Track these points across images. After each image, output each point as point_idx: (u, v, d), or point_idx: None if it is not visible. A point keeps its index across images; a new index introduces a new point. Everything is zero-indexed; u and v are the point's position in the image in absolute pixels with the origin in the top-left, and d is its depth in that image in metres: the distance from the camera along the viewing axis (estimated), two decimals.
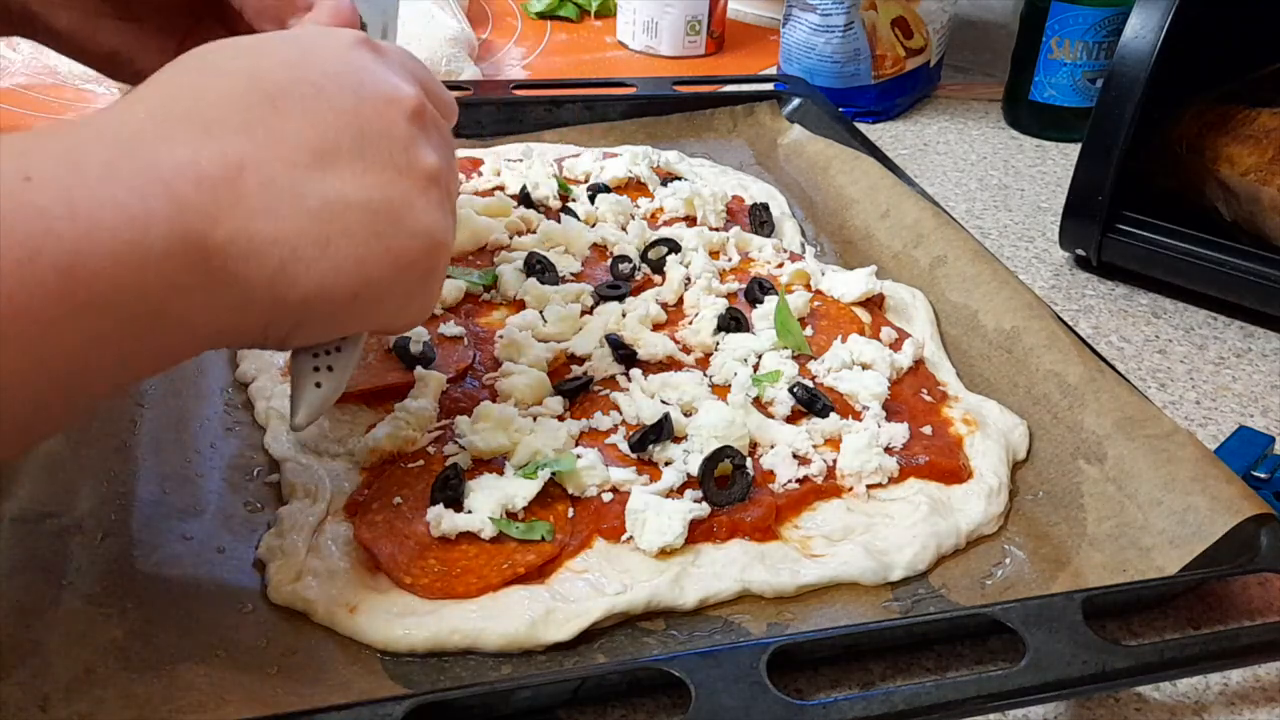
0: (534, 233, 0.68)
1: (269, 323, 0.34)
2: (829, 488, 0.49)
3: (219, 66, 0.34)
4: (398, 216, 0.35)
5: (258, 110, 0.33)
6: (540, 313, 0.60)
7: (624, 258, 0.65)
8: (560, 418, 0.52)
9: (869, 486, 0.49)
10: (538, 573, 0.43)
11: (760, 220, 0.71)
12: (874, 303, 0.62)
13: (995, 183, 0.87)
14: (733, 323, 0.59)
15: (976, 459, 0.51)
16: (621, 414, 0.52)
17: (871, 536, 0.46)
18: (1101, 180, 0.67)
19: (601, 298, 0.61)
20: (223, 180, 0.31)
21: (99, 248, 0.28)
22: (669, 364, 0.56)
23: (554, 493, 0.47)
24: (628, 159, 0.76)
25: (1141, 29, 0.65)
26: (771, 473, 0.49)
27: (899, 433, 0.51)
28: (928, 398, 0.55)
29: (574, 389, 0.54)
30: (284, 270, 0.32)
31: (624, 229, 0.69)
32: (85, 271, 0.28)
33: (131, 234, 0.29)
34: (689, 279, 0.63)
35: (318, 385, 0.39)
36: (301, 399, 0.39)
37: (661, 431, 0.50)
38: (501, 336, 0.57)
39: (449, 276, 0.59)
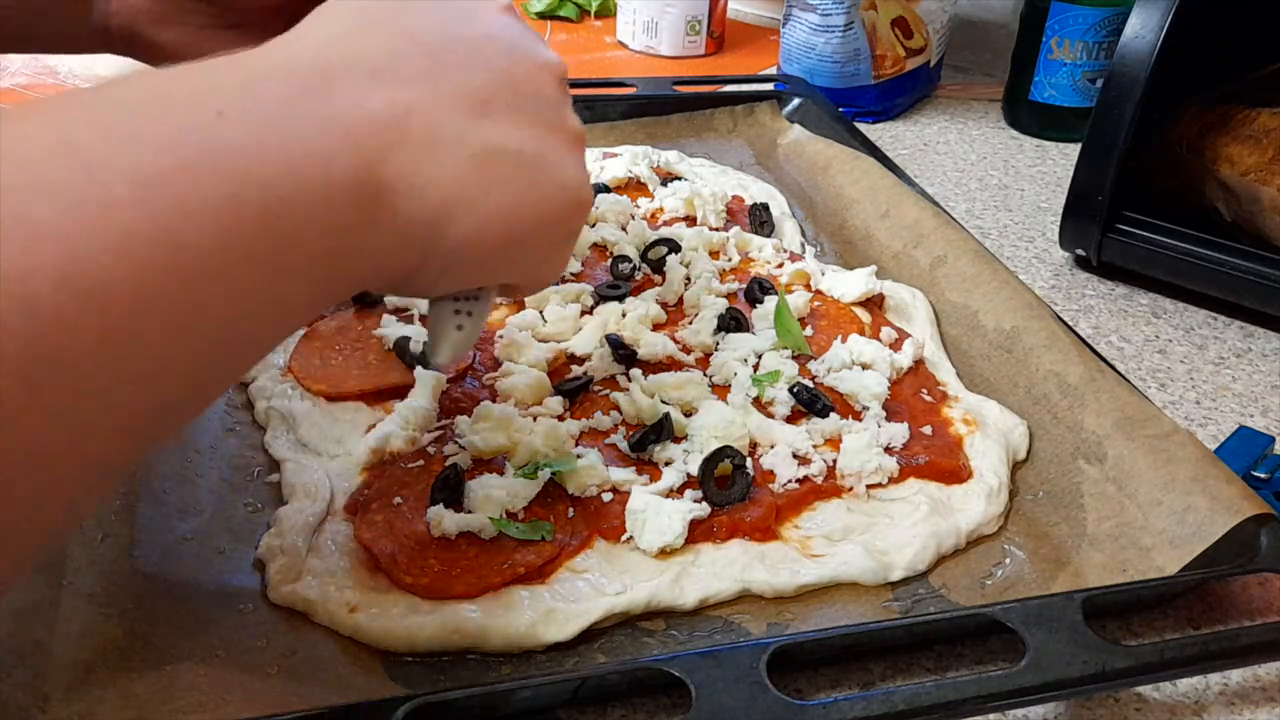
0: None
1: (420, 265, 0.34)
2: (829, 488, 0.49)
3: (375, 20, 0.35)
4: (550, 170, 0.36)
5: (419, 62, 0.34)
6: (540, 312, 0.60)
7: (624, 258, 0.65)
8: (560, 418, 0.52)
9: (869, 486, 0.49)
10: (538, 573, 0.43)
11: (760, 220, 0.71)
12: (874, 303, 0.62)
13: (995, 183, 0.87)
14: (733, 323, 0.59)
15: (976, 459, 0.51)
16: (621, 414, 0.52)
17: (871, 536, 0.46)
18: (1101, 180, 0.67)
19: (601, 298, 0.61)
20: (392, 123, 0.32)
21: (291, 186, 0.28)
22: (669, 364, 0.56)
23: (554, 493, 0.47)
24: (628, 159, 0.76)
25: (1141, 29, 0.65)
26: (771, 473, 0.49)
27: (899, 433, 0.51)
28: (928, 398, 0.55)
29: (574, 389, 0.54)
30: (445, 212, 0.33)
31: (624, 229, 0.69)
32: (281, 210, 0.28)
33: (316, 172, 0.29)
34: (689, 279, 0.63)
35: (459, 328, 0.40)
36: (443, 340, 0.40)
37: (661, 431, 0.50)
38: (501, 336, 0.57)
39: None
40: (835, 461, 0.50)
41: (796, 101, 0.88)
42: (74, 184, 0.24)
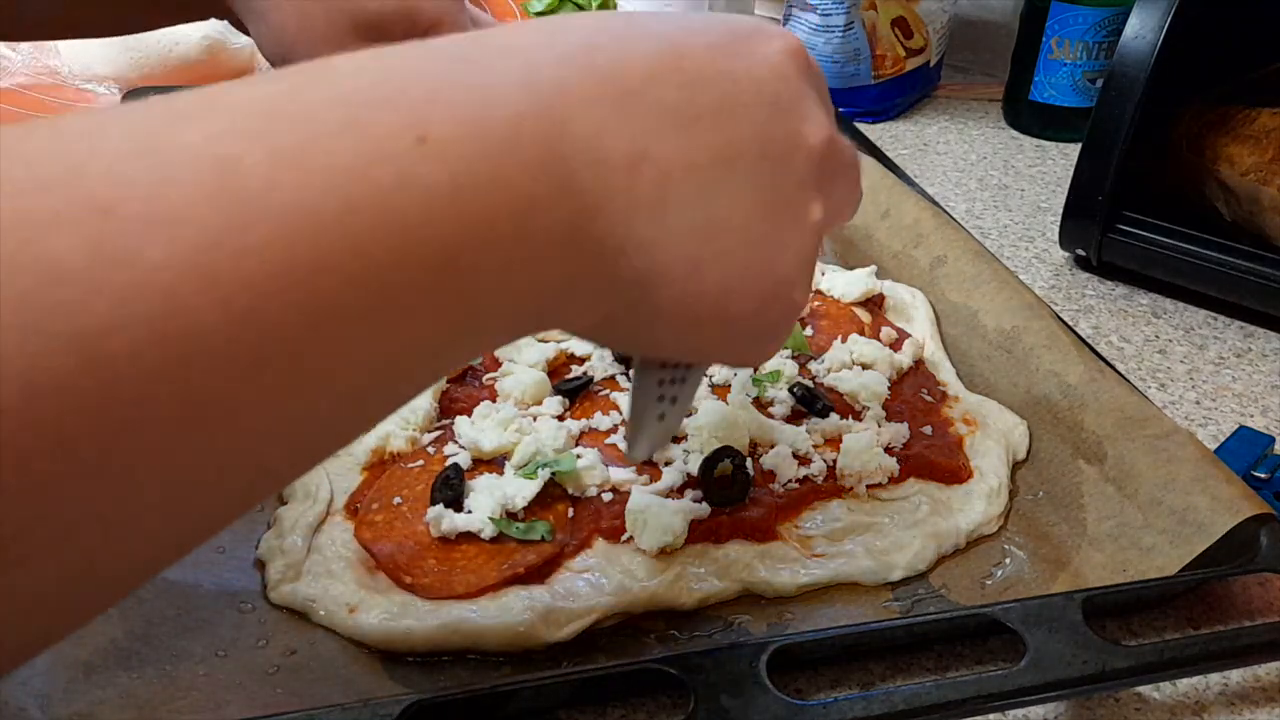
0: None
1: (607, 320, 0.30)
2: (829, 488, 0.49)
3: (631, 32, 0.30)
4: (771, 259, 0.31)
5: (674, 95, 0.29)
6: None
7: None
8: (560, 418, 0.52)
9: (869, 486, 0.49)
10: (538, 573, 0.43)
11: None
12: (874, 303, 0.62)
13: (995, 183, 0.87)
14: None
15: (976, 459, 0.51)
16: (621, 414, 0.52)
17: (871, 536, 0.46)
18: (1101, 180, 0.67)
19: None
20: (621, 168, 0.27)
21: (480, 239, 0.24)
22: None
23: (554, 493, 0.47)
24: None
25: (1141, 29, 0.65)
26: (771, 473, 0.49)
27: (899, 433, 0.51)
28: (928, 398, 0.55)
29: (574, 389, 0.54)
30: (646, 278, 0.28)
31: None
32: (458, 256, 0.24)
33: (511, 223, 0.25)
34: None
35: (661, 418, 0.36)
36: (644, 430, 0.36)
37: None
38: None
39: None
40: (835, 461, 0.50)
41: None
42: (221, 217, 0.20)
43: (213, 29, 0.89)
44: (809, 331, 0.59)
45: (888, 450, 0.50)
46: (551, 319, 0.29)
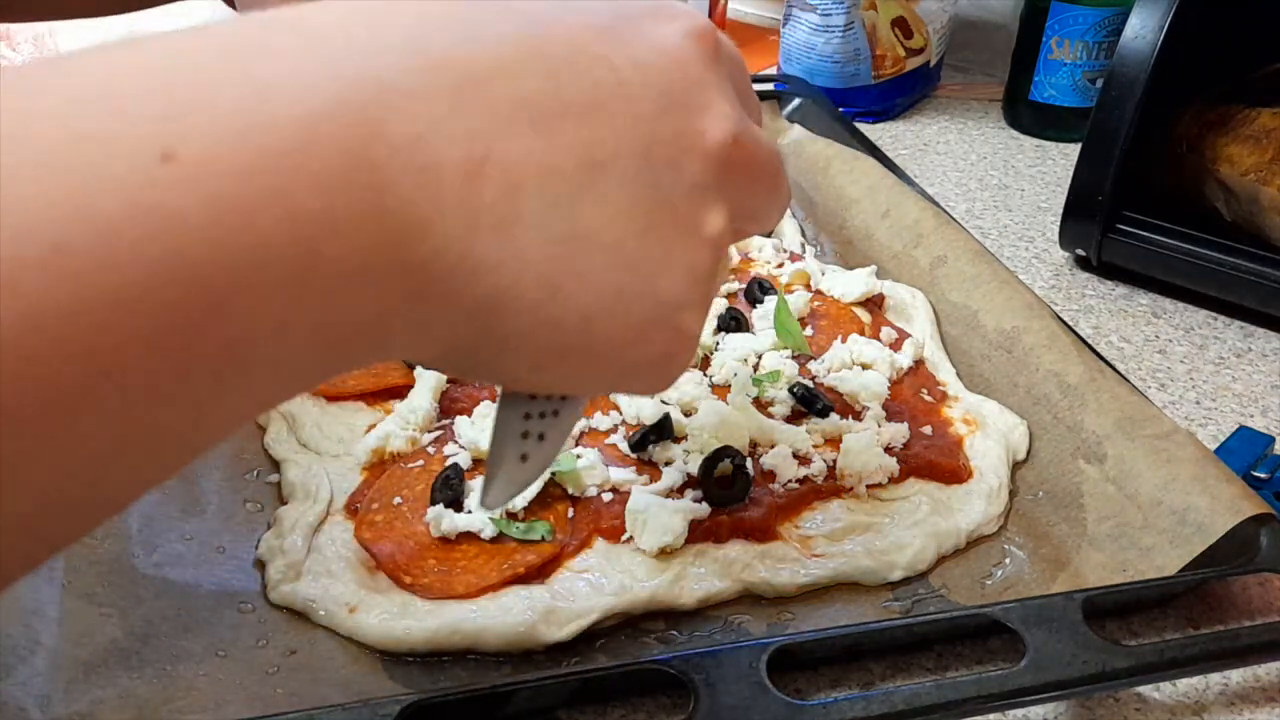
0: None
1: (451, 351, 0.26)
2: (829, 488, 0.49)
3: (495, 2, 0.25)
4: (650, 279, 0.26)
5: (532, 84, 0.24)
6: None
7: None
8: None
9: (869, 486, 0.49)
10: (538, 573, 0.43)
11: None
12: (874, 303, 0.62)
13: (995, 183, 0.87)
14: (733, 323, 0.59)
15: (976, 459, 0.51)
16: (621, 414, 0.52)
17: (871, 536, 0.46)
18: (1101, 180, 0.67)
19: None
20: (456, 175, 0.22)
21: (244, 271, 0.20)
22: None
23: (554, 493, 0.47)
24: None
25: (1141, 29, 0.65)
26: (771, 473, 0.49)
27: (899, 433, 0.51)
28: (928, 398, 0.55)
29: None
30: (495, 302, 0.24)
31: None
32: (223, 303, 0.19)
33: (300, 246, 0.20)
34: None
35: (523, 459, 0.30)
36: (500, 471, 0.30)
37: (661, 431, 0.50)
38: None
39: None
40: (835, 461, 0.50)
41: (796, 101, 0.87)
42: None
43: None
44: (809, 331, 0.59)
45: (888, 450, 0.50)
46: (372, 355, 0.24)
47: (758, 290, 0.61)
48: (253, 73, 0.21)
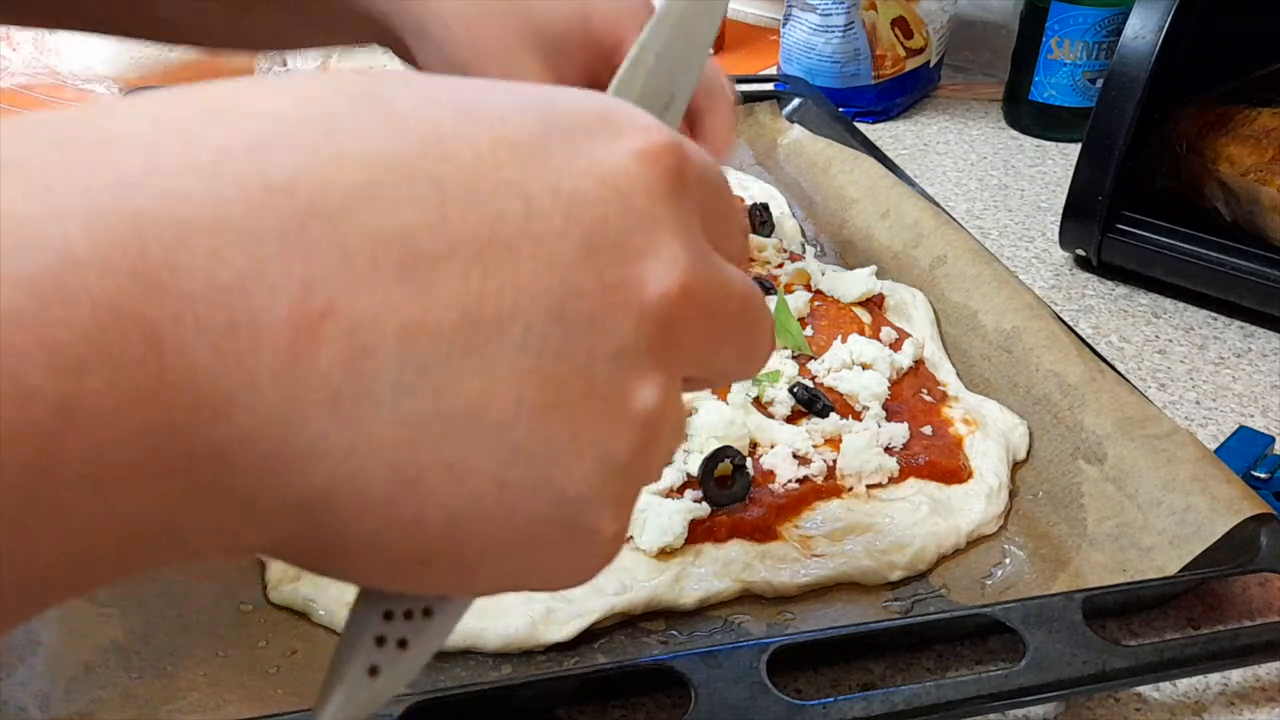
0: None
1: (278, 548, 0.20)
2: (829, 488, 0.49)
3: (383, 100, 0.20)
4: (546, 471, 0.20)
5: (406, 216, 0.18)
6: None
7: None
8: None
9: (869, 486, 0.49)
10: None
11: (760, 220, 0.71)
12: (874, 303, 0.62)
13: (995, 183, 0.87)
14: None
15: (976, 459, 0.51)
16: None
17: (871, 536, 0.46)
18: (1101, 180, 0.67)
19: None
20: (280, 337, 0.17)
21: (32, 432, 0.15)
22: None
23: None
24: None
25: (1141, 29, 0.65)
26: (771, 473, 0.49)
27: (899, 433, 0.51)
28: (928, 398, 0.55)
29: None
30: (329, 499, 0.19)
31: None
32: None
33: (35, 443, 0.16)
34: None
35: (372, 672, 0.22)
36: (339, 686, 0.22)
37: None
38: None
39: None
40: (835, 461, 0.50)
41: (796, 101, 0.87)
42: None
43: None
44: (809, 331, 0.59)
45: (887, 450, 0.50)
46: (160, 560, 0.19)
47: None
48: (6, 202, 0.16)
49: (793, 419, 0.53)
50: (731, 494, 0.47)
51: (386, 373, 0.18)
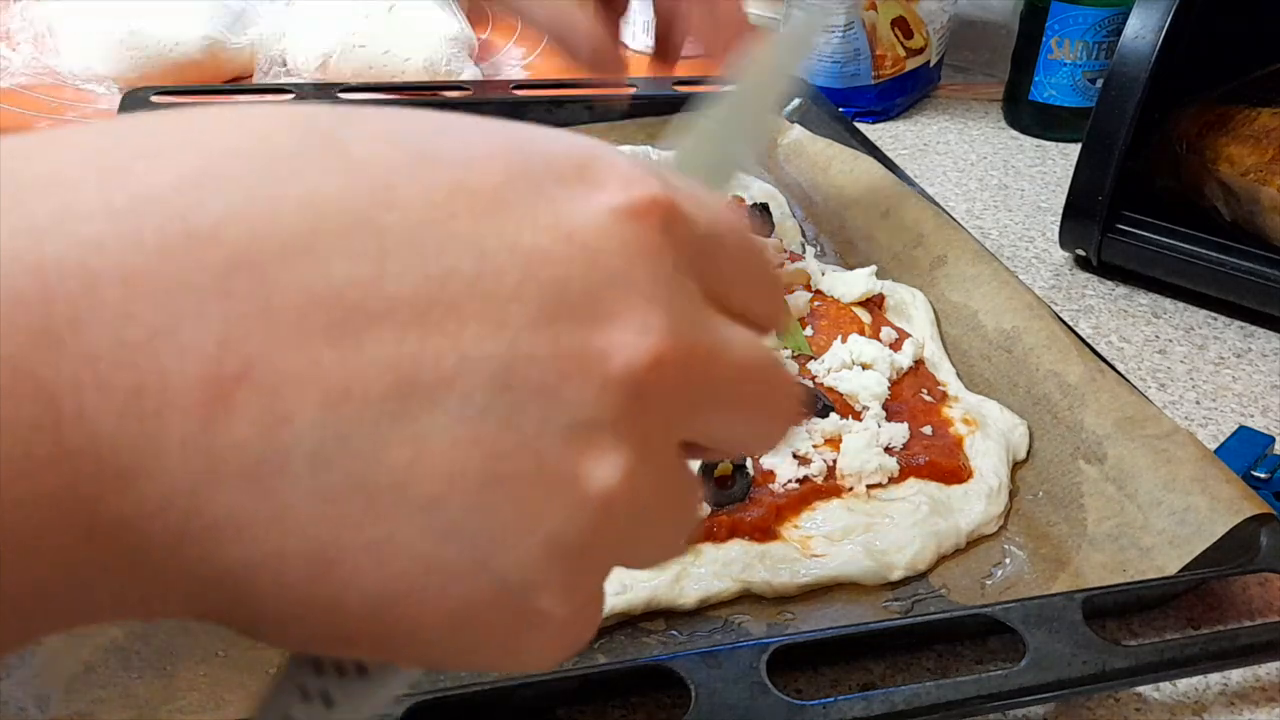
0: None
1: (203, 616, 0.19)
2: (829, 488, 0.49)
3: (337, 141, 0.18)
4: (484, 553, 0.18)
5: (340, 267, 0.17)
6: None
7: None
8: None
9: (869, 486, 0.49)
10: None
11: (760, 220, 0.71)
12: (874, 303, 0.62)
13: (995, 183, 0.87)
14: None
15: (976, 459, 0.51)
16: None
17: (871, 536, 0.46)
18: (1101, 180, 0.67)
19: None
20: (190, 401, 0.16)
21: None
22: None
23: None
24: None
25: (1141, 29, 0.65)
26: (771, 473, 0.49)
27: (899, 433, 0.51)
28: (928, 398, 0.55)
29: None
30: (244, 576, 0.17)
31: None
32: None
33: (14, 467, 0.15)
34: None
35: None
36: None
37: None
38: None
39: None
40: (835, 461, 0.50)
41: (796, 101, 0.87)
42: None
43: (213, 29, 0.89)
44: (809, 331, 0.59)
45: (887, 450, 0.50)
46: (64, 623, 0.18)
47: None
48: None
49: None
50: (731, 494, 0.47)
51: (303, 442, 0.16)
